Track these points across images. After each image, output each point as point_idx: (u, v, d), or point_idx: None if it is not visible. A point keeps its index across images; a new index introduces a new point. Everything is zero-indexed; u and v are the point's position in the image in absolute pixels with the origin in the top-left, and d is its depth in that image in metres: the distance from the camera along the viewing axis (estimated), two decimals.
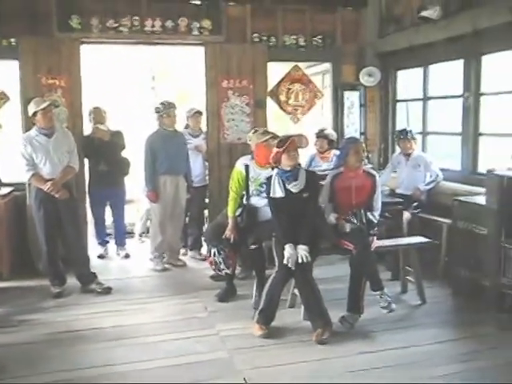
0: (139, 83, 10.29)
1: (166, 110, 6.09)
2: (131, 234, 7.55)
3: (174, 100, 6.40)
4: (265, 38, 6.94)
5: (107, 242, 6.80)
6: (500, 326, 4.35)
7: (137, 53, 8.76)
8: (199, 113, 6.76)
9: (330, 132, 6.78)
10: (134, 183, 7.33)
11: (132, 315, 4.75)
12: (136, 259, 6.59)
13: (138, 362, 3.84)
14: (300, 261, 4.25)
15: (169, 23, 6.41)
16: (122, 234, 6.84)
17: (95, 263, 6.12)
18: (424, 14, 6.02)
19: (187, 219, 6.67)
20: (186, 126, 6.83)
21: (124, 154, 6.65)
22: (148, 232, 7.29)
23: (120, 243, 6.77)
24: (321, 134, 6.62)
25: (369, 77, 7.29)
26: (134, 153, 6.88)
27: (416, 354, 3.92)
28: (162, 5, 6.48)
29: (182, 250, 6.62)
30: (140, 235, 7.62)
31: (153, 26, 6.37)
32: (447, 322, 4.63)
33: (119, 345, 4.13)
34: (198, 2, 6.62)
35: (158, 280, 5.82)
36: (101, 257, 6.63)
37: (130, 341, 4.20)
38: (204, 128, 6.85)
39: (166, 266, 6.18)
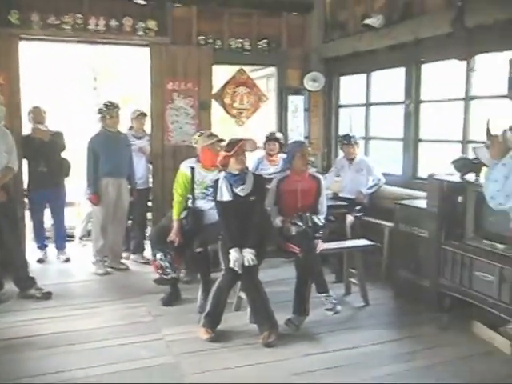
0: (80, 83, 10.06)
1: (108, 110, 5.96)
2: (71, 237, 7.34)
3: (117, 101, 6.28)
4: (210, 40, 6.92)
5: (46, 245, 6.59)
6: (440, 325, 4.47)
7: (78, 51, 8.57)
8: (143, 114, 6.67)
9: (281, 135, 6.82)
10: (75, 185, 7.14)
11: (74, 321, 4.61)
12: (77, 263, 6.41)
13: (80, 369, 3.72)
14: (246, 264, 4.25)
15: (113, 22, 6.32)
16: (62, 238, 6.64)
17: (34, 267, 5.90)
18: (367, 21, 6.16)
19: (130, 222, 6.55)
20: (130, 128, 6.72)
21: (65, 155, 6.46)
22: (89, 235, 7.12)
23: (60, 247, 6.58)
24: (272, 137, 6.63)
25: (313, 82, 7.39)
26: (76, 154, 6.71)
27: (360, 354, 3.99)
28: (106, 3, 6.37)
29: (125, 254, 6.49)
30: (80, 238, 7.43)
31: (96, 25, 6.26)
32: (390, 322, 4.73)
33: (61, 352, 4.00)
34: (143, 2, 6.52)
35: (100, 284, 5.69)
36: (40, 261, 6.41)
37: (72, 347, 4.08)
38: (148, 130, 6.76)
39: (108, 269, 6.04)
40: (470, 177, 4.53)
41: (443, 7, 5.27)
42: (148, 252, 6.16)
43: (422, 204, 4.96)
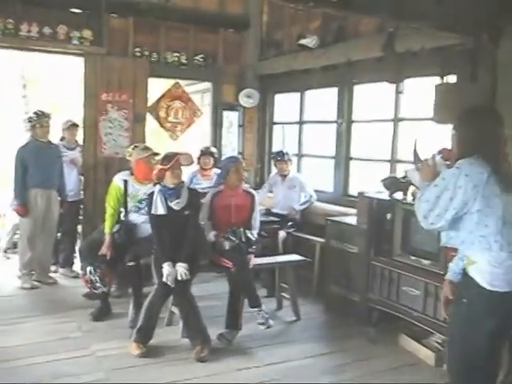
0: (9, 90, 9.74)
1: (39, 120, 5.81)
2: None
3: (47, 110, 6.13)
4: (147, 53, 6.90)
5: None
6: (369, 338, 4.60)
7: (7, 58, 8.30)
8: (75, 125, 6.52)
9: (215, 150, 6.84)
10: (0, 196, 6.89)
11: None
12: (1, 277, 6.15)
13: None
14: (179, 278, 4.23)
15: (47, 30, 6.19)
16: None
17: None
18: (302, 42, 6.33)
19: (59, 235, 6.37)
20: (62, 139, 6.55)
21: None
22: (14, 248, 6.88)
23: None
24: (207, 151, 6.63)
25: (248, 98, 7.49)
26: (2, 164, 6.49)
27: (292, 368, 4.05)
28: (41, 10, 6.23)
29: (53, 267, 6.30)
30: (5, 251, 7.15)
31: (29, 31, 6.11)
32: (320, 336, 4.82)
33: None
34: (79, 11, 6.42)
35: (27, 299, 5.48)
36: None
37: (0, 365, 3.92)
38: (80, 141, 6.63)
39: (36, 283, 5.83)
40: (398, 195, 4.71)
41: (375, 32, 5.50)
42: (78, 266, 6.01)
43: (353, 221, 5.11)
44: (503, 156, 2.73)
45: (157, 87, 7.52)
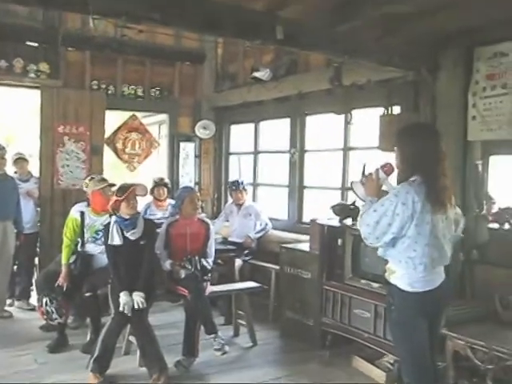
0: None
1: None
2: None
3: (1, 142, 6.14)
4: (104, 85, 7.01)
5: None
6: (323, 361, 4.73)
7: None
8: (22, 159, 6.50)
9: (168, 181, 6.92)
10: None
11: None
12: None
13: None
14: (136, 307, 4.28)
15: (3, 63, 6.24)
16: None
17: None
18: (256, 74, 6.54)
19: (15, 267, 6.32)
20: (15, 172, 6.54)
21: None
22: None
23: None
24: (161, 183, 6.71)
25: (204, 129, 7.64)
26: None
27: None
28: None
29: (9, 301, 6.23)
30: None
31: None
32: (276, 361, 4.92)
33: None
34: (35, 44, 6.50)
35: None
36: None
37: None
38: (36, 173, 6.64)
39: None
40: (348, 221, 4.90)
41: (324, 66, 5.75)
42: (34, 298, 5.98)
43: (306, 247, 5.26)
44: (442, 171, 2.92)
45: (114, 119, 7.61)
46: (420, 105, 4.85)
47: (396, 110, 5.04)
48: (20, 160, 6.48)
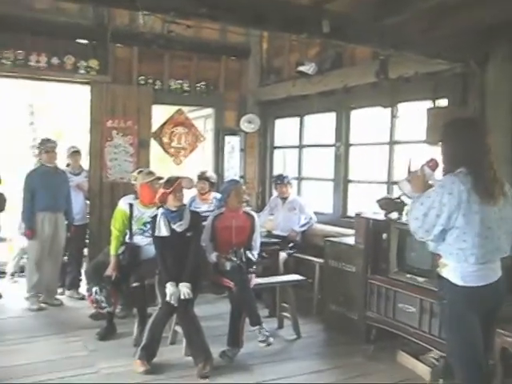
0: (17, 118, 9.98)
1: (45, 146, 6.00)
2: (3, 273, 7.21)
3: (53, 136, 6.33)
4: (151, 80, 7.12)
5: None
6: (367, 355, 4.72)
7: (16, 86, 8.56)
8: (77, 152, 6.70)
9: (211, 174, 6.96)
10: (7, 221, 7.04)
11: (7, 356, 4.54)
12: (9, 299, 6.30)
13: None
14: (182, 297, 4.37)
15: (55, 60, 6.42)
16: None
17: None
18: (301, 68, 6.52)
19: (66, 258, 6.53)
20: (67, 165, 6.74)
21: (0, 189, 6.40)
22: (21, 271, 7.04)
23: None
24: (202, 177, 6.77)
25: (249, 123, 7.69)
26: (11, 189, 6.66)
27: None
28: (49, 41, 6.47)
29: (60, 290, 6.44)
30: (12, 275, 7.29)
31: (38, 62, 6.35)
32: (320, 354, 4.93)
33: None
34: (85, 41, 6.67)
35: (34, 320, 5.61)
36: None
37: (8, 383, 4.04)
38: (86, 166, 6.82)
39: (43, 305, 5.97)
40: (394, 215, 4.86)
41: (370, 59, 5.71)
42: (83, 288, 6.16)
43: (350, 241, 5.25)
44: (489, 164, 2.89)
45: (160, 114, 7.74)
46: (468, 98, 4.76)
47: (443, 103, 4.97)
48: (75, 153, 6.67)
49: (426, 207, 2.84)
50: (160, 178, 5.04)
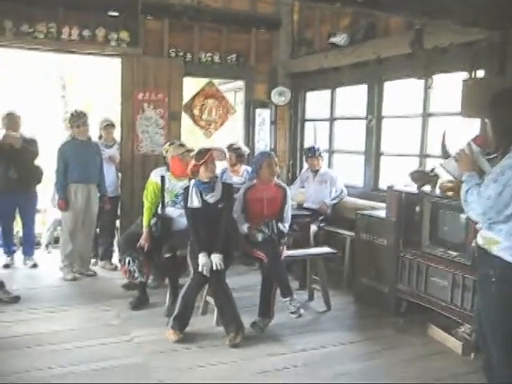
0: (49, 91, 10.09)
1: (76, 120, 6.05)
2: (38, 244, 7.36)
3: (84, 109, 6.38)
4: (181, 53, 7.10)
5: (14, 251, 6.61)
6: (397, 328, 4.74)
7: (47, 59, 8.63)
8: (111, 125, 6.76)
9: (241, 146, 6.94)
10: (41, 192, 7.17)
11: (44, 323, 4.68)
12: (44, 269, 6.45)
13: (49, 368, 3.83)
14: (214, 268, 4.42)
15: (86, 33, 6.45)
16: (30, 244, 6.65)
17: (1, 272, 5.96)
18: (333, 40, 6.46)
19: (98, 229, 6.64)
20: (100, 137, 6.81)
21: (37, 161, 6.50)
22: (55, 242, 7.19)
23: (28, 253, 6.59)
24: (230, 148, 6.75)
25: (280, 96, 7.64)
26: (45, 161, 6.76)
27: (321, 354, 4.21)
28: (80, 14, 6.50)
29: (93, 260, 6.57)
30: (46, 246, 7.45)
31: (70, 35, 6.39)
32: (350, 326, 4.96)
33: (31, 353, 4.08)
34: (116, 14, 6.68)
35: (68, 289, 5.75)
36: (6, 266, 6.42)
37: (42, 348, 4.16)
38: (118, 139, 6.88)
39: (76, 275, 6.10)
40: (426, 188, 4.81)
41: (404, 29, 5.59)
42: (116, 259, 6.27)
43: (382, 214, 5.22)
44: None
45: (191, 86, 7.73)
46: (506, 68, 4.63)
47: (480, 74, 4.84)
48: (108, 126, 6.73)
49: (501, 185, 2.68)
50: (191, 151, 5.06)
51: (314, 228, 6.06)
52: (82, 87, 11.27)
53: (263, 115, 7.72)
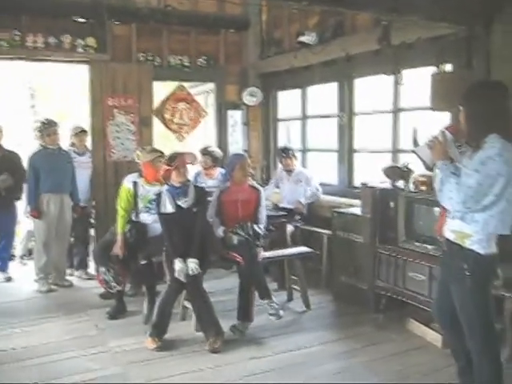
0: (17, 101, 9.92)
1: (46, 129, 5.93)
2: (12, 256, 7.21)
3: (55, 117, 6.28)
4: (150, 57, 7.05)
5: None
6: (377, 324, 4.75)
7: (14, 68, 8.48)
8: (83, 131, 6.65)
9: (215, 149, 6.90)
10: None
11: (20, 337, 4.58)
12: (19, 282, 6.30)
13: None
14: (191, 273, 4.37)
15: (52, 40, 6.35)
16: (6, 259, 6.50)
17: None
18: (302, 39, 6.45)
19: (72, 239, 6.53)
20: (72, 145, 6.69)
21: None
22: (29, 254, 7.06)
23: (3, 268, 6.43)
24: (205, 152, 6.70)
25: (251, 96, 7.61)
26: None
27: (303, 355, 4.18)
28: (45, 20, 6.39)
29: (68, 270, 6.46)
30: (21, 257, 7.32)
31: (34, 42, 6.28)
32: (330, 324, 4.95)
33: (8, 369, 3.98)
34: (82, 20, 6.58)
35: (44, 301, 5.64)
36: None
37: (21, 363, 4.07)
38: (90, 146, 6.78)
39: (52, 286, 5.98)
40: (400, 183, 4.82)
41: (372, 26, 5.60)
42: (92, 268, 6.18)
43: (357, 211, 5.22)
44: None
45: (162, 90, 7.67)
46: (473, 61, 4.66)
47: (448, 68, 4.87)
48: (81, 133, 6.60)
49: (482, 175, 2.70)
50: (163, 155, 5.01)
51: (290, 228, 6.03)
52: (53, 96, 11.14)
53: (235, 117, 7.69)
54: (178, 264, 4.37)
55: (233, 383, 3.75)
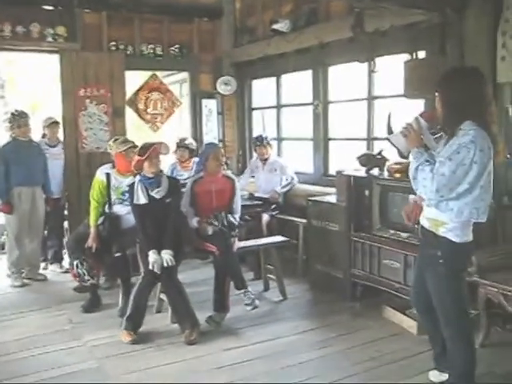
0: None
1: (16, 120, 5.82)
2: None
3: (26, 109, 6.15)
4: (122, 46, 6.93)
5: None
6: (353, 312, 4.76)
7: None
8: (55, 123, 6.53)
9: (191, 142, 6.82)
10: None
11: None
12: None
13: (8, 379, 3.67)
14: (165, 265, 4.32)
15: (20, 29, 6.20)
16: None
17: None
18: (275, 26, 6.40)
19: (46, 232, 6.43)
20: (43, 136, 6.57)
21: None
22: (2, 248, 6.93)
23: None
24: (182, 144, 6.63)
25: (225, 85, 7.54)
26: None
27: (280, 345, 4.16)
28: (12, 9, 6.22)
29: (43, 264, 6.36)
30: None
31: (2, 31, 6.12)
32: (307, 314, 4.94)
33: None
34: (51, 8, 6.43)
35: (18, 296, 5.54)
36: None
37: None
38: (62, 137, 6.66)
39: (26, 281, 5.88)
40: (375, 171, 4.82)
41: (345, 14, 5.57)
42: (66, 261, 6.09)
43: (333, 199, 5.21)
44: (490, 115, 2.80)
45: (135, 80, 7.56)
46: (447, 48, 4.66)
47: (421, 55, 4.87)
48: (53, 124, 6.48)
49: (455, 164, 2.69)
50: (135, 146, 4.93)
51: (266, 217, 6.03)
52: (24, 87, 10.92)
53: (210, 106, 7.62)
54: (152, 256, 4.32)
55: (209, 374, 3.72)
